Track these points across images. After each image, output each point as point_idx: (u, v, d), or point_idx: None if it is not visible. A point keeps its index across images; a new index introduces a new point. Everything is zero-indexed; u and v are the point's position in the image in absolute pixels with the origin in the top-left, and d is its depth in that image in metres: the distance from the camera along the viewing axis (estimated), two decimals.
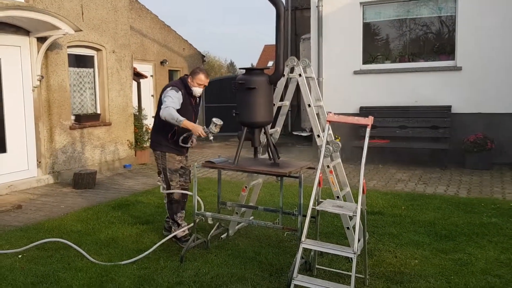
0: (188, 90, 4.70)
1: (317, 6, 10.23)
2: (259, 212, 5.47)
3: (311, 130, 13.01)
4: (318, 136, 4.50)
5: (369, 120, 3.64)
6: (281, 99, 4.84)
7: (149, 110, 13.41)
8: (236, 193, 6.84)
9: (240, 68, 4.55)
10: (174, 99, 4.48)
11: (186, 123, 4.38)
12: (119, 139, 9.82)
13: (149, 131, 10.76)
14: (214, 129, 4.36)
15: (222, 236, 4.96)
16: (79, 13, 8.67)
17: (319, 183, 3.67)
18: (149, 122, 12.60)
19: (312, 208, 3.60)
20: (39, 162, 8.07)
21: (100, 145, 9.32)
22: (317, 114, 4.66)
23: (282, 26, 4.05)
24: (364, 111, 9.99)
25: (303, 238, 3.51)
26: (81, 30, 8.04)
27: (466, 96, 9.27)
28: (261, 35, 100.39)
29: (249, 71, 4.22)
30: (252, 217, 5.40)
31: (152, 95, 13.88)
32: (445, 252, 4.56)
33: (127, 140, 10.04)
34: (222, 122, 4.37)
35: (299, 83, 4.54)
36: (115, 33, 9.58)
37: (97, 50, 9.32)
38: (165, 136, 4.69)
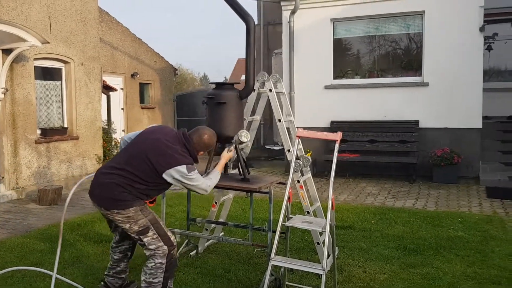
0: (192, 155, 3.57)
1: (289, 22, 10.34)
2: (230, 227, 5.41)
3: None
4: (289, 151, 4.49)
5: (337, 136, 3.66)
6: (252, 114, 4.83)
7: (118, 124, 13.21)
8: (206, 208, 6.76)
9: (210, 83, 4.50)
10: (198, 175, 3.50)
11: (220, 168, 3.81)
12: (86, 154, 9.60)
13: (119, 144, 10.59)
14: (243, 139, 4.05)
15: (191, 253, 4.87)
16: (47, 25, 8.50)
17: (288, 198, 3.64)
18: (118, 136, 12.43)
19: (282, 224, 3.57)
20: (2, 177, 7.79)
21: (67, 159, 9.09)
22: (288, 129, 4.66)
23: (252, 41, 4.06)
24: (335, 125, 10.09)
25: (272, 255, 3.47)
26: (48, 42, 7.87)
27: (433, 111, 9.49)
28: (235, 48, 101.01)
29: (220, 86, 4.20)
30: (222, 233, 5.34)
31: (122, 108, 13.67)
32: (413, 266, 4.60)
33: (95, 155, 9.82)
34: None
35: (270, 98, 4.54)
36: (84, 45, 9.42)
37: (65, 62, 9.13)
38: (141, 197, 3.48)
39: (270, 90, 4.54)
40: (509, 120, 10.45)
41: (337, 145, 3.68)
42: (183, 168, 3.36)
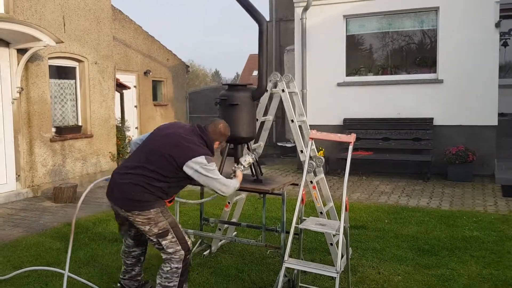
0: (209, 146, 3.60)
1: (301, 19, 10.28)
2: (243, 227, 5.42)
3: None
4: (302, 151, 4.48)
5: (351, 138, 3.63)
6: (265, 114, 4.83)
7: (132, 121, 13.30)
8: (219, 206, 6.78)
9: (223, 84, 4.49)
10: (217, 170, 3.49)
11: (240, 179, 3.73)
12: (101, 151, 9.69)
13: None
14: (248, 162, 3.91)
15: (204, 253, 4.89)
16: (61, 24, 8.57)
17: (302, 200, 3.63)
18: (132, 133, 12.52)
19: (295, 226, 3.56)
20: (18, 175, 7.90)
21: (82, 157, 9.18)
22: (300, 129, 4.65)
23: (265, 42, 4.04)
24: (348, 123, 10.03)
25: (286, 257, 3.47)
26: (62, 42, 7.93)
27: (448, 108, 9.38)
28: (246, 44, 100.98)
29: (232, 87, 4.19)
30: (235, 232, 5.36)
31: (136, 106, 13.76)
32: (428, 268, 4.56)
33: (109, 152, 9.90)
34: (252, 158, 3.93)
35: (282, 99, 4.53)
36: (97, 44, 9.49)
37: (79, 61, 9.21)
38: (162, 196, 3.47)
39: (283, 91, 4.53)
40: None
41: (351, 147, 3.65)
42: (202, 158, 3.34)
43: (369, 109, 9.94)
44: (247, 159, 3.85)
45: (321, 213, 4.46)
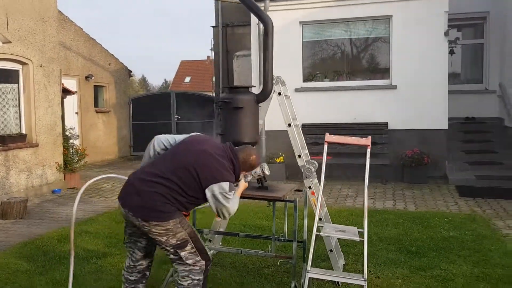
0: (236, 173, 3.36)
1: (257, 24, 10.21)
2: (225, 237, 5.21)
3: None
4: (299, 156, 4.37)
5: (368, 141, 3.57)
6: None
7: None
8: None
9: (224, 87, 4.26)
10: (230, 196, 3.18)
11: (238, 194, 3.41)
12: (47, 162, 8.92)
13: (81, 151, 9.94)
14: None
15: None
16: (4, 23, 7.80)
17: (320, 206, 3.50)
18: (79, 142, 11.72)
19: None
20: None
21: (26, 168, 8.39)
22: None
23: (270, 43, 3.91)
24: (306, 128, 10.06)
25: (308, 267, 3.31)
26: (10, 42, 7.23)
27: (401, 113, 9.72)
28: (176, 50, 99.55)
29: (234, 89, 3.98)
30: (220, 242, 5.10)
31: (77, 113, 12.90)
32: (422, 269, 4.60)
33: (56, 163, 9.15)
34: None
35: (279, 102, 4.40)
36: (43, 45, 8.76)
37: (23, 63, 8.43)
38: (181, 209, 3.21)
39: (279, 94, 4.40)
40: (467, 121, 10.94)
41: (368, 150, 3.58)
42: (226, 185, 3.12)
43: (327, 114, 10.06)
44: (257, 170, 3.62)
45: (320, 218, 4.35)
